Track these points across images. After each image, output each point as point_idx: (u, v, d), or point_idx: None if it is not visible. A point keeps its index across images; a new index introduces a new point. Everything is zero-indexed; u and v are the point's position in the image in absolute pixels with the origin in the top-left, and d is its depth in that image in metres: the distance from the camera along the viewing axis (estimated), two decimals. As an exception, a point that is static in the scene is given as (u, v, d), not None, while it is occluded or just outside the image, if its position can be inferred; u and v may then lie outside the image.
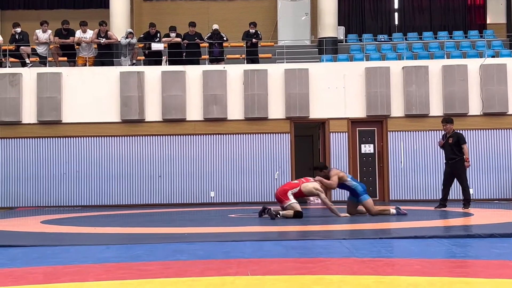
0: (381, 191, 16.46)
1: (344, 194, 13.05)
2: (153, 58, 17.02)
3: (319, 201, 16.25)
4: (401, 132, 16.40)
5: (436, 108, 16.33)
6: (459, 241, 6.71)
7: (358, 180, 13.21)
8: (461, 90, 16.27)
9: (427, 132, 16.33)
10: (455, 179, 12.45)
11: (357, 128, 16.61)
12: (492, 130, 16.35)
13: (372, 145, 16.63)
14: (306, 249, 6.34)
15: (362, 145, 16.60)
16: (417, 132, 16.37)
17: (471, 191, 16.12)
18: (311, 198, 16.38)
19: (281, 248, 6.42)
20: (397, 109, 16.39)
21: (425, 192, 16.25)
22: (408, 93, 16.34)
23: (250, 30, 17.22)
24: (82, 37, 16.79)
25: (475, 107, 16.33)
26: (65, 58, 17.22)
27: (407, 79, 16.36)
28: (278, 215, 10.05)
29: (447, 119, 12.48)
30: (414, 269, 5.04)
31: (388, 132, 16.41)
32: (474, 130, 16.30)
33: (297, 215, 10.09)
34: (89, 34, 16.87)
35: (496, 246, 6.31)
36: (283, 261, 5.52)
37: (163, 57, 17.02)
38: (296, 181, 10.76)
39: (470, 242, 6.69)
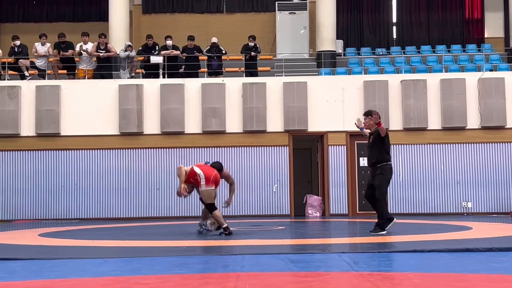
0: (380, 205, 16.40)
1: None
2: (151, 71, 17.05)
3: (318, 214, 16.27)
4: (400, 145, 16.40)
5: (435, 122, 16.36)
6: (457, 255, 6.70)
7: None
8: (459, 104, 16.31)
9: (426, 145, 16.35)
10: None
11: (356, 141, 16.60)
12: (490, 144, 16.36)
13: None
14: (305, 262, 6.33)
15: (361, 158, 16.59)
16: (415, 145, 16.38)
17: (469, 204, 16.18)
18: (310, 211, 16.37)
19: (280, 261, 6.41)
20: (395, 123, 16.40)
21: (423, 206, 16.24)
22: (406, 106, 16.36)
23: (249, 43, 17.27)
24: (83, 48, 16.83)
25: (473, 121, 16.36)
26: (65, 71, 17.26)
27: (406, 93, 16.40)
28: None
29: (366, 111, 10.13)
30: (413, 283, 5.02)
31: (387, 146, 16.38)
32: (472, 144, 16.32)
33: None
34: (89, 45, 16.93)
35: (495, 260, 6.30)
36: (282, 275, 5.51)
37: (161, 70, 17.04)
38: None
39: (469, 256, 6.68)
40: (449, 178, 16.26)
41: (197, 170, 9.88)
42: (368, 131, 9.93)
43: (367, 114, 9.85)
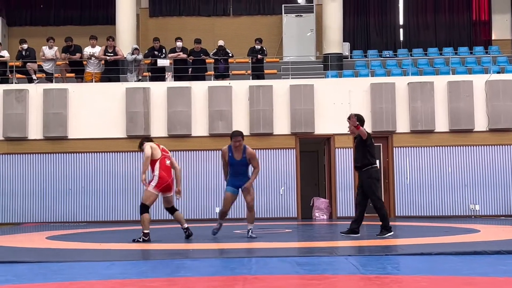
0: (387, 207, 16.35)
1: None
2: (157, 74, 17.09)
3: (325, 217, 16.24)
4: (407, 148, 16.37)
5: (442, 124, 16.32)
6: (465, 258, 6.67)
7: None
8: (467, 106, 16.26)
9: (433, 148, 16.30)
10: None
11: (363, 144, 16.54)
12: (498, 146, 16.30)
13: (377, 161, 16.54)
14: (312, 265, 6.31)
15: (368, 161, 16.52)
16: (422, 148, 16.34)
17: (477, 207, 16.11)
18: (317, 214, 16.35)
19: (287, 264, 6.39)
20: (402, 125, 16.38)
21: (431, 208, 16.19)
22: (413, 109, 16.33)
23: (256, 46, 17.28)
24: (91, 52, 16.89)
25: (480, 123, 16.30)
26: (73, 74, 17.33)
27: (413, 95, 16.36)
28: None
29: (350, 115, 9.67)
30: (421, 286, 5.01)
31: (394, 148, 16.38)
32: (480, 146, 16.27)
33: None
34: (97, 49, 16.99)
35: (503, 263, 6.28)
36: (289, 278, 5.50)
37: (168, 73, 17.08)
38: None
39: (477, 258, 6.66)
40: (457, 181, 16.22)
41: (156, 170, 9.38)
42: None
43: (348, 118, 9.66)
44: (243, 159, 9.80)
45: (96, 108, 16.55)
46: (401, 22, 22.76)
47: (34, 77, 16.94)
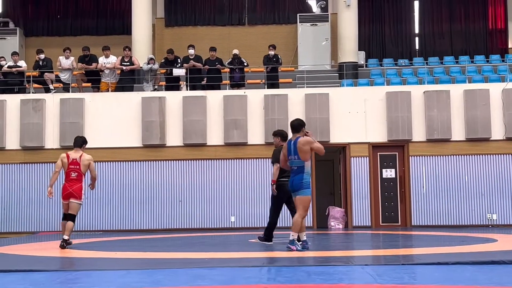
0: (403, 216, 16.31)
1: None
2: (171, 84, 17.16)
3: (340, 226, 16.17)
4: (423, 156, 16.29)
5: (458, 133, 16.23)
6: (483, 268, 6.61)
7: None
8: (483, 115, 16.16)
9: (449, 156, 16.21)
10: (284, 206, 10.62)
11: (378, 153, 16.52)
12: (515, 155, 16.17)
13: (393, 170, 16.52)
14: (328, 275, 6.28)
15: (383, 170, 16.50)
16: (439, 156, 16.25)
17: (494, 216, 15.98)
18: (332, 223, 16.29)
19: (303, 273, 6.37)
20: (418, 134, 16.30)
21: (447, 217, 16.08)
22: (429, 117, 16.26)
23: (270, 53, 17.27)
24: (105, 62, 17.01)
25: (497, 132, 16.20)
26: (89, 84, 17.45)
27: (429, 104, 16.30)
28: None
29: (275, 131, 10.92)
30: (437, 296, 4.97)
31: (410, 157, 16.30)
32: (496, 155, 16.15)
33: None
34: (111, 59, 17.09)
35: (521, 273, 6.21)
36: (305, 287, 5.48)
37: (182, 83, 17.14)
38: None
39: (494, 268, 6.59)
40: (474, 190, 16.10)
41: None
42: None
43: (276, 134, 10.81)
44: None
45: (112, 117, 16.64)
46: (416, 30, 22.70)
47: (51, 86, 17.08)
